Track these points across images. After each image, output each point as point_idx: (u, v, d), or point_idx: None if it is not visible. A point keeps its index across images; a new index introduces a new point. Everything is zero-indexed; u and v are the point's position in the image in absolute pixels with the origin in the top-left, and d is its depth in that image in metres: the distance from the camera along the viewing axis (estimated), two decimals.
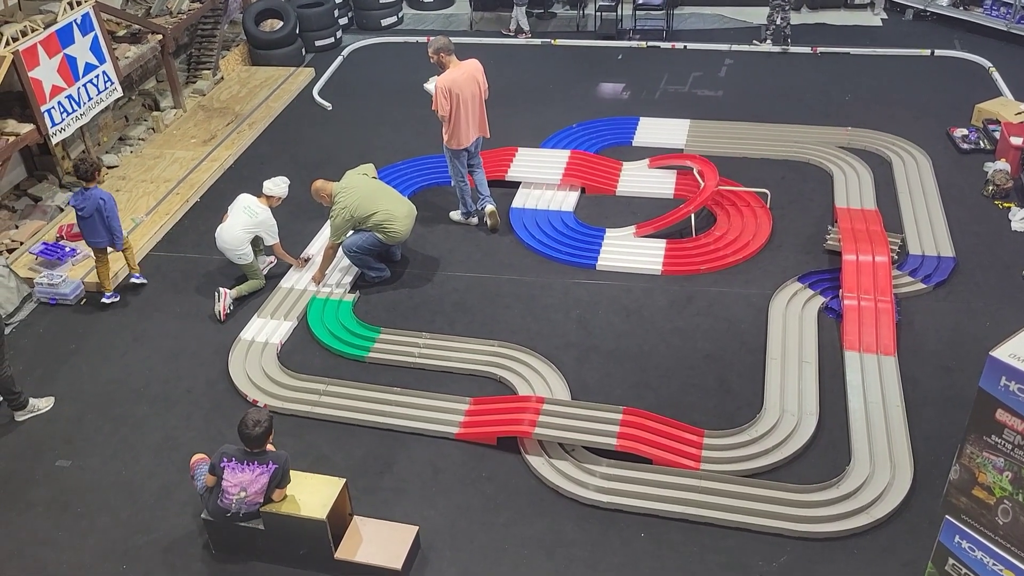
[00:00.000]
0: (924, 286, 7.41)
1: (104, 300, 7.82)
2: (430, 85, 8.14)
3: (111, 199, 7.48)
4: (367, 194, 7.56)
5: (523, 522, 5.67)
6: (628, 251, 8.06)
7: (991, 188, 8.54)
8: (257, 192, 7.79)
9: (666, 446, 5.99)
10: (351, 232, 7.65)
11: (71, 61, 8.77)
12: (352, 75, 12.23)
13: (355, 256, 7.74)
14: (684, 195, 8.77)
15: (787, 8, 11.82)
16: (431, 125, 10.62)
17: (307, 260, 8.16)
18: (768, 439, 6.04)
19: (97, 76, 9.17)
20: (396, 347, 7.11)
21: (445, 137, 8.16)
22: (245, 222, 7.60)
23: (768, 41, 12.05)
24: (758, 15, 13.12)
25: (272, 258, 8.17)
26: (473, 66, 8.14)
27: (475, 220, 8.63)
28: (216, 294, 7.60)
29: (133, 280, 8.02)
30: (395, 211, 7.61)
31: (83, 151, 9.41)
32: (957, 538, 3.95)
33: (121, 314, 7.78)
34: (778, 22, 11.88)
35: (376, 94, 11.58)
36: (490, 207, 8.53)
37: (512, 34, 12.96)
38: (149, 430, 6.55)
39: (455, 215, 8.72)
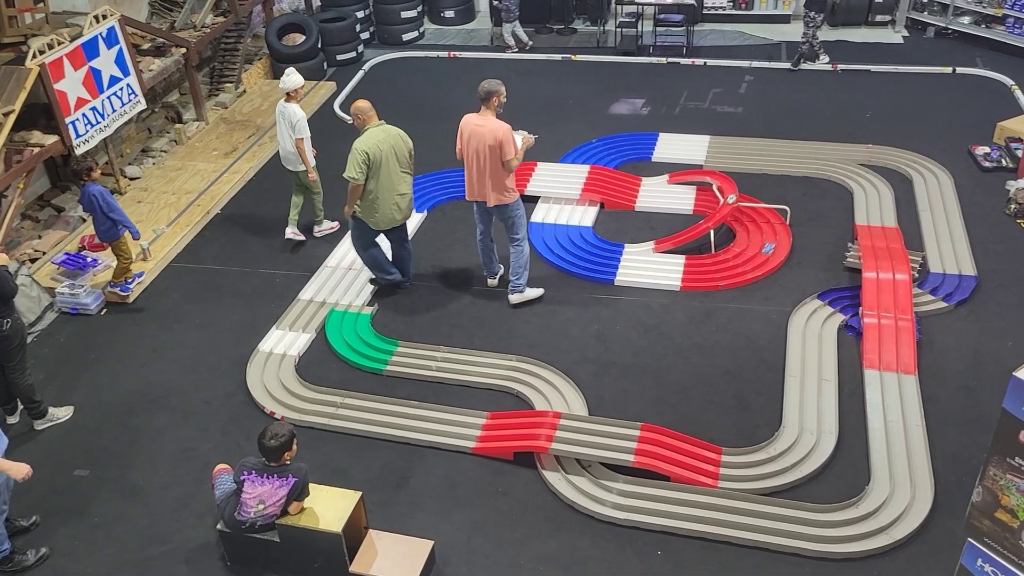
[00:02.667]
0: (945, 305, 7.34)
1: (121, 291, 8.01)
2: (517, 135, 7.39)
3: (103, 191, 7.50)
4: (386, 157, 7.30)
5: (539, 538, 5.64)
6: (647, 267, 8.04)
7: (1013, 207, 8.47)
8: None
9: (684, 463, 5.95)
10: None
11: (96, 74, 8.89)
12: (373, 89, 12.31)
13: (360, 253, 7.80)
14: (703, 211, 8.75)
15: (819, 24, 11.81)
16: (450, 139, 10.66)
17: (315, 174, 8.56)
18: (787, 457, 5.99)
19: (121, 88, 9.28)
20: (414, 360, 7.12)
21: (513, 189, 7.33)
22: (284, 127, 8.27)
23: (822, 56, 11.96)
24: (779, 32, 13.14)
25: (335, 224, 8.86)
26: (496, 126, 7.21)
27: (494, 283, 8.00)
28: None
29: (121, 291, 8.03)
30: (387, 191, 7.34)
31: (107, 162, 9.51)
32: (980, 561, 3.89)
33: (141, 325, 7.84)
34: (812, 38, 11.84)
35: (397, 108, 11.62)
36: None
37: (516, 49, 13.01)
38: (167, 441, 6.59)
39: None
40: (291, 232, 8.70)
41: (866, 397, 6.43)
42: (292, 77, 8.33)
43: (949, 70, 11.59)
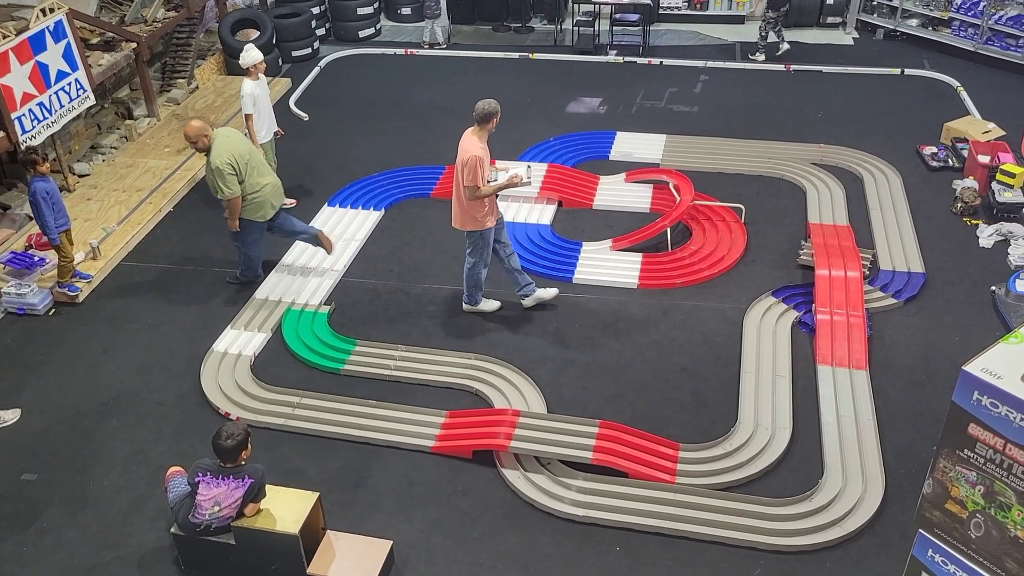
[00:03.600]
0: (895, 301, 7.49)
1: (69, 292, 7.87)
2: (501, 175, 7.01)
3: (49, 190, 7.33)
4: (243, 155, 7.32)
5: (498, 536, 5.64)
6: (604, 265, 8.08)
7: (959, 205, 8.68)
8: None
9: (642, 459, 5.99)
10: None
11: (43, 68, 8.67)
12: (329, 86, 12.20)
13: (249, 251, 7.78)
14: (660, 209, 8.82)
15: (779, 23, 12.08)
16: (408, 137, 10.65)
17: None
18: (742, 453, 6.06)
19: (69, 84, 9.06)
20: (372, 359, 7.07)
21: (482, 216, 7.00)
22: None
23: (761, 55, 12.28)
24: (733, 32, 13.29)
25: (293, 201, 9.02)
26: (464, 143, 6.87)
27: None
28: None
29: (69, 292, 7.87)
30: (259, 182, 7.44)
31: (54, 159, 9.28)
32: (930, 552, 3.98)
33: (91, 325, 7.67)
34: (770, 38, 12.10)
35: (353, 105, 11.55)
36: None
37: (427, 46, 13.02)
38: (118, 443, 6.45)
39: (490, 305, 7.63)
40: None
41: (819, 392, 6.54)
42: (249, 53, 8.49)
43: (898, 71, 11.83)
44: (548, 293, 7.57)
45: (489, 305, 7.59)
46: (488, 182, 6.79)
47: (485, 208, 6.91)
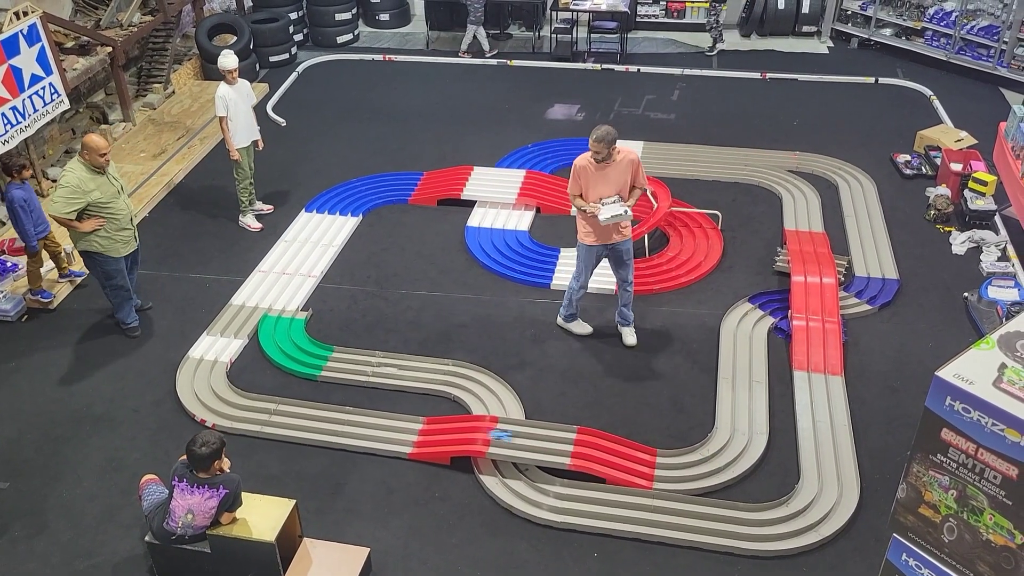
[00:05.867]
0: (869, 307, 7.57)
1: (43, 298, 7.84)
2: (609, 211, 6.64)
3: (15, 199, 7.16)
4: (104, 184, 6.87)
5: (476, 543, 5.62)
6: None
7: (932, 212, 8.78)
8: None
9: (619, 465, 6.01)
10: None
11: (16, 72, 8.56)
12: (307, 91, 12.16)
13: (118, 292, 7.25)
14: (637, 216, 8.83)
15: (718, 16, 12.62)
16: (386, 143, 10.63)
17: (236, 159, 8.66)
18: (719, 458, 6.09)
19: (43, 88, 8.96)
20: (349, 366, 7.04)
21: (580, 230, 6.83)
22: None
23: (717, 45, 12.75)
24: (709, 41, 13.38)
25: (270, 207, 9.18)
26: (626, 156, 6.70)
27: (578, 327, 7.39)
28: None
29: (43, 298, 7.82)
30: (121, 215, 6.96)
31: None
32: (904, 556, 4.01)
33: (65, 332, 7.58)
34: (716, 24, 12.64)
35: (331, 111, 11.52)
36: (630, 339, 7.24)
37: (468, 55, 13.00)
38: (92, 451, 6.37)
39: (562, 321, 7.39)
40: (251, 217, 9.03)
41: (795, 398, 6.59)
42: (227, 58, 8.47)
43: (872, 80, 11.97)
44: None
45: (580, 328, 7.35)
46: (599, 202, 6.57)
47: (584, 223, 6.76)
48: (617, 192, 6.64)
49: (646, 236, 8.29)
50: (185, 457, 5.03)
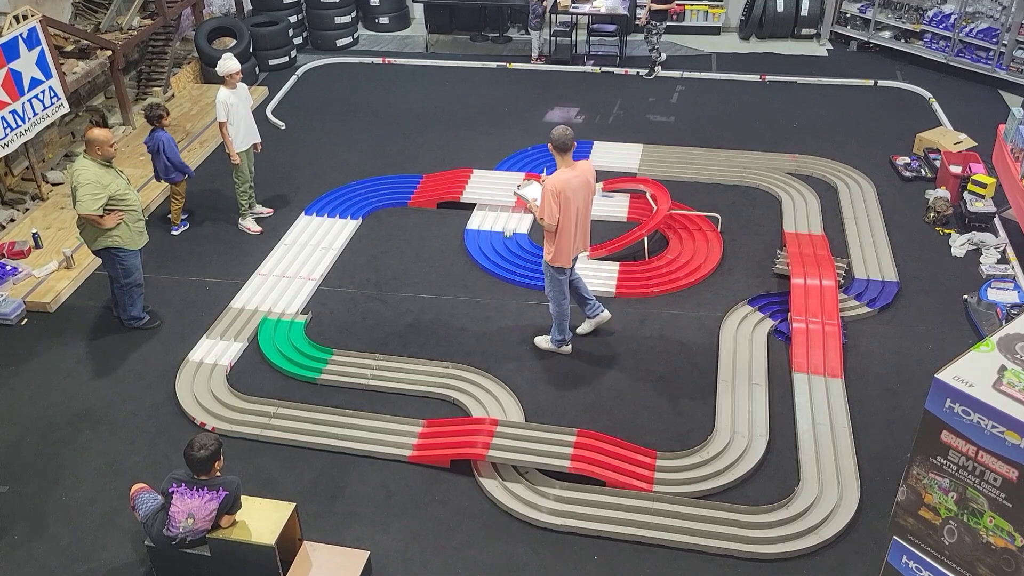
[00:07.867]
0: (869, 310, 7.57)
1: (172, 232, 8.86)
2: (526, 191, 6.96)
3: (170, 139, 8.49)
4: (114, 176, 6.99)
5: (476, 546, 5.62)
6: (582, 273, 8.04)
7: (932, 215, 8.79)
8: None
9: (619, 468, 6.00)
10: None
11: (16, 76, 8.57)
12: (306, 95, 12.17)
13: (134, 289, 7.34)
14: (637, 218, 8.86)
15: (657, 34, 12.06)
16: (386, 146, 10.64)
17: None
18: (720, 460, 6.09)
19: (43, 91, 8.97)
20: (349, 369, 7.03)
21: (548, 252, 6.72)
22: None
23: (657, 68, 12.33)
24: (709, 43, 13.41)
25: (269, 210, 9.24)
26: (587, 168, 6.67)
27: (568, 348, 7.19)
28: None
29: (172, 232, 8.87)
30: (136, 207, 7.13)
31: (27, 167, 9.17)
32: (904, 558, 4.01)
33: (64, 335, 7.57)
34: (656, 44, 12.14)
35: (331, 114, 11.52)
36: (605, 314, 7.26)
37: (540, 60, 12.94)
38: (91, 455, 6.37)
39: (543, 342, 7.22)
40: (249, 221, 9.08)
41: (795, 400, 6.58)
42: (227, 63, 8.47)
43: (871, 83, 11.98)
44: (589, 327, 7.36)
45: (567, 349, 7.20)
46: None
47: (549, 237, 6.71)
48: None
49: (645, 239, 8.29)
50: (179, 471, 5.04)
